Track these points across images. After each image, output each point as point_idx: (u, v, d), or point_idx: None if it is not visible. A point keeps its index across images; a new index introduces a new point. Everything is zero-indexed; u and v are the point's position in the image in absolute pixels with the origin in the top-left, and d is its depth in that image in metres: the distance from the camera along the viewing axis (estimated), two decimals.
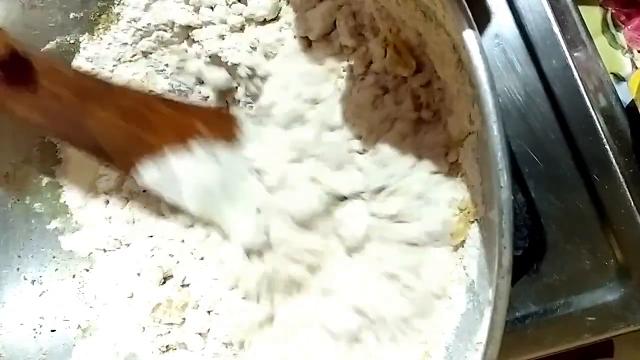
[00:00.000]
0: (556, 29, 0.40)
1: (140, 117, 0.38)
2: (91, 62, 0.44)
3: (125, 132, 0.38)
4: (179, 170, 0.38)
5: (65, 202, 0.46)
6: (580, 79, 0.40)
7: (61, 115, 0.37)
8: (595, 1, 0.48)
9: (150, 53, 0.45)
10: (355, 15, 0.39)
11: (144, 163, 0.38)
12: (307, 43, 0.41)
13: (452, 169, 0.36)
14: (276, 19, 0.41)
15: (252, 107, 0.44)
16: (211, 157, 0.39)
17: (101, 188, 0.46)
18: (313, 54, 0.40)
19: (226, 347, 0.42)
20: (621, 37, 0.48)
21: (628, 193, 0.39)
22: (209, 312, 0.43)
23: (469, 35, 0.26)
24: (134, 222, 0.46)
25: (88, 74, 0.42)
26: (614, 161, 0.39)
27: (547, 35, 0.40)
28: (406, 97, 0.37)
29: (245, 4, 0.41)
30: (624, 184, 0.39)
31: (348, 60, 0.39)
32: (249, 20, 0.42)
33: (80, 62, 0.44)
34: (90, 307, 0.44)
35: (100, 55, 0.45)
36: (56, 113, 0.37)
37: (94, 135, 0.38)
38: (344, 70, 0.40)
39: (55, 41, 0.44)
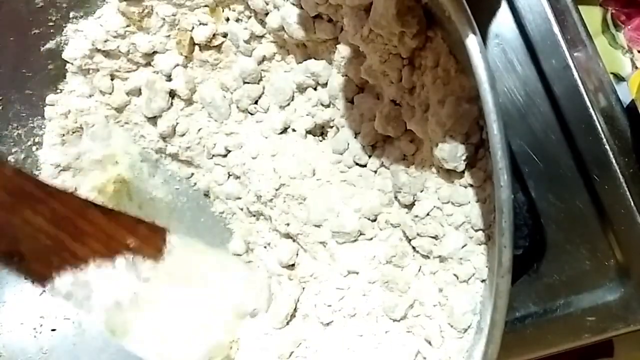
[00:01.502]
0: (556, 29, 0.40)
1: (71, 225, 0.36)
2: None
3: (53, 239, 0.36)
4: (95, 281, 0.37)
5: None
6: (580, 79, 0.40)
7: None
8: (595, 1, 0.48)
9: None
10: None
11: (62, 273, 0.36)
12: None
13: None
14: None
15: None
16: (132, 272, 0.38)
17: None
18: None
19: None
20: (621, 37, 0.48)
21: (628, 193, 0.39)
22: None
23: (469, 34, 0.26)
24: None
25: (27, 175, 0.40)
26: (614, 161, 0.39)
27: (547, 35, 0.40)
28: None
29: None
30: (624, 184, 0.39)
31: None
32: None
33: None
34: None
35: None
36: None
37: (17, 237, 0.35)
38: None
39: (54, 41, 0.44)
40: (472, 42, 0.26)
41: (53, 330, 0.43)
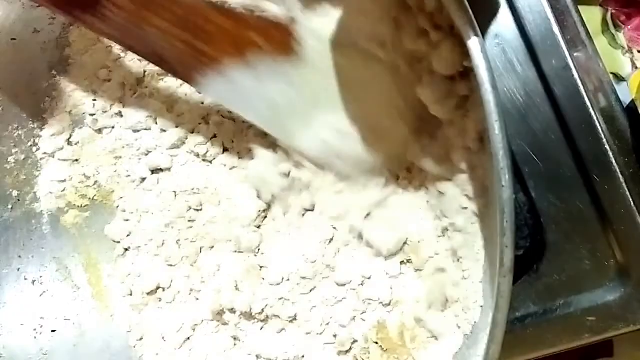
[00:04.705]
0: (556, 29, 0.40)
1: (195, 26, 0.37)
2: None
3: (181, 41, 0.37)
4: (245, 85, 0.38)
5: None
6: (580, 79, 0.40)
7: (123, 25, 0.37)
8: (595, 1, 0.48)
9: None
10: None
11: (205, 74, 0.38)
12: None
13: None
14: None
15: None
16: (279, 77, 0.38)
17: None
18: None
19: None
20: (621, 37, 0.48)
21: (628, 193, 0.39)
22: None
23: (471, 35, 0.26)
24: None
25: None
26: (614, 161, 0.40)
27: (547, 35, 0.40)
28: None
29: None
30: (624, 184, 0.39)
31: None
32: None
33: None
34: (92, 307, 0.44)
35: None
36: (119, 23, 0.37)
37: (153, 44, 0.38)
38: None
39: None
40: (473, 42, 0.26)
41: (53, 331, 0.43)
